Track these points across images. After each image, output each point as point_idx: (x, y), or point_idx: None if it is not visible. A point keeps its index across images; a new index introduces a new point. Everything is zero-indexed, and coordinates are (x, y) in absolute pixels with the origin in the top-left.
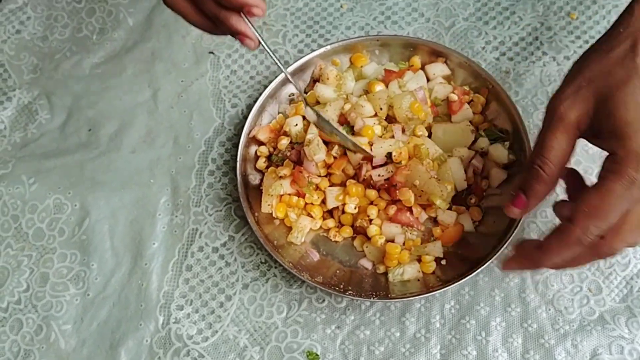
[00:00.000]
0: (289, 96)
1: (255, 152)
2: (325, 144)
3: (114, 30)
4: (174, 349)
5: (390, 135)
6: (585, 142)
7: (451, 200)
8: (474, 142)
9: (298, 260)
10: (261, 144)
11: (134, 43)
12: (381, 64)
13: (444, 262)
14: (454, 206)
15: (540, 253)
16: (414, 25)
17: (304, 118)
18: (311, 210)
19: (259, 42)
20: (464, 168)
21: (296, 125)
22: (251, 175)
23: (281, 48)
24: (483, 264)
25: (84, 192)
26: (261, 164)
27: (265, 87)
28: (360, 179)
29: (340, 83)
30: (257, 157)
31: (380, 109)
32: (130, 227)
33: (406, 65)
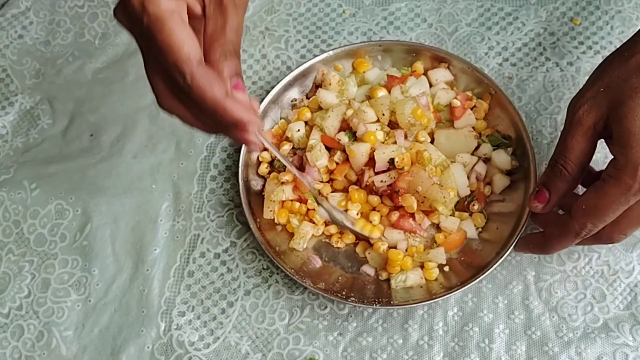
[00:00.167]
0: (291, 101)
1: (258, 158)
2: (327, 149)
3: (117, 35)
4: (176, 355)
5: (393, 141)
6: None
7: (454, 206)
8: (476, 148)
9: (300, 266)
10: (264, 149)
11: (136, 48)
12: (384, 70)
13: (447, 269)
14: (456, 212)
15: (543, 241)
16: (417, 30)
17: (306, 123)
18: (313, 216)
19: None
20: (466, 174)
21: (298, 130)
22: (253, 181)
23: (283, 53)
24: (486, 271)
25: (86, 198)
26: (263, 169)
27: (268, 93)
28: (362, 185)
29: (343, 89)
30: (259, 163)
31: (383, 114)
32: (131, 233)
33: (409, 70)
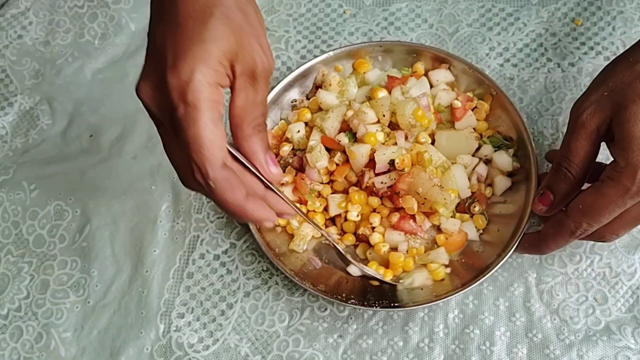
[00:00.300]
0: (291, 102)
1: None
2: (327, 150)
3: (116, 35)
4: (175, 357)
5: (393, 142)
6: None
7: (455, 208)
8: (477, 150)
9: (300, 268)
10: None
11: (135, 48)
12: (384, 70)
13: (448, 271)
14: (457, 214)
15: (539, 240)
16: (417, 31)
17: (306, 124)
18: (313, 218)
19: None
20: (467, 176)
21: (298, 131)
22: None
23: (284, 54)
24: (487, 273)
25: (85, 199)
26: None
27: (268, 93)
28: (362, 186)
29: (343, 89)
30: None
31: (383, 115)
32: (131, 234)
33: (409, 71)
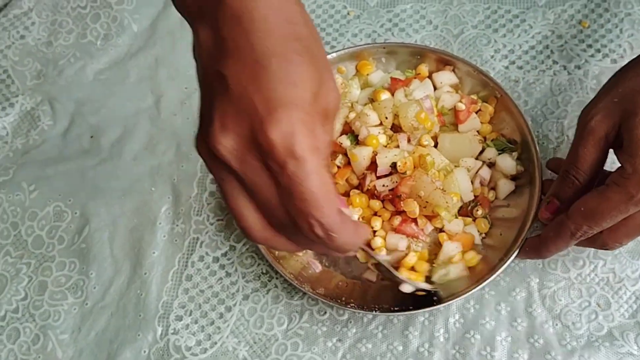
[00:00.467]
0: None
1: None
2: None
3: (119, 36)
4: None
5: (396, 145)
6: None
7: (457, 211)
8: (481, 153)
9: (299, 271)
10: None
11: (138, 49)
12: (387, 72)
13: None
14: (459, 217)
15: (539, 243)
16: (422, 32)
17: None
18: None
19: None
20: (470, 179)
21: None
22: None
23: None
24: (489, 277)
25: (85, 200)
26: None
27: None
28: (364, 189)
29: (346, 91)
30: None
31: (386, 118)
32: (130, 236)
33: (413, 73)
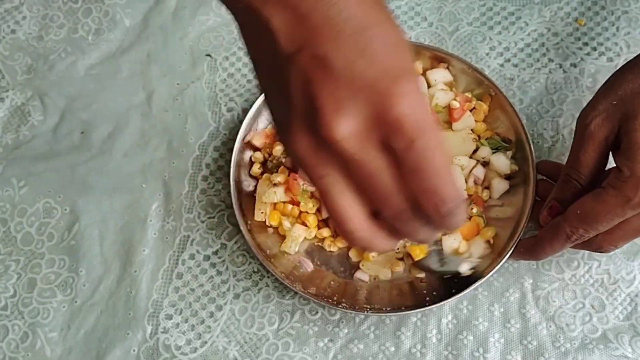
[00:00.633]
0: None
1: (250, 158)
2: None
3: (110, 31)
4: (162, 359)
5: None
6: None
7: None
8: (475, 151)
9: (291, 270)
10: (256, 149)
11: (129, 44)
12: None
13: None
14: None
15: (534, 244)
16: (417, 29)
17: None
18: (306, 219)
19: None
20: (464, 178)
21: None
22: (245, 182)
23: None
24: (483, 278)
25: (75, 196)
26: (256, 170)
27: None
28: None
29: None
30: (252, 163)
31: None
32: (120, 233)
33: None
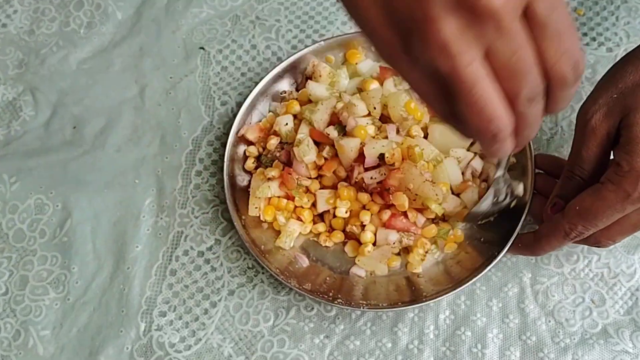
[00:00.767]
0: (281, 94)
1: (244, 152)
2: (316, 144)
3: (102, 24)
4: (156, 357)
5: (384, 136)
6: None
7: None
8: (472, 144)
9: (286, 266)
10: (250, 143)
11: (122, 38)
12: (377, 61)
13: (441, 269)
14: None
15: (533, 240)
16: None
17: (295, 117)
18: (301, 214)
19: None
20: (462, 170)
21: (286, 124)
22: (239, 177)
23: (274, 44)
24: (480, 272)
25: (67, 192)
26: (250, 164)
27: (256, 84)
28: (352, 182)
29: (334, 81)
30: (246, 158)
31: (374, 108)
32: (113, 229)
33: None
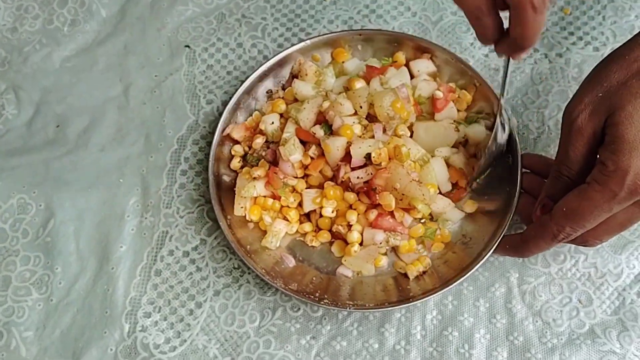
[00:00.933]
0: (266, 92)
1: (230, 151)
2: (302, 143)
3: (86, 21)
4: (140, 358)
5: (371, 135)
6: None
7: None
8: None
9: (272, 266)
10: (236, 142)
11: (106, 35)
12: (364, 60)
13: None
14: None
15: (520, 242)
16: (400, 19)
17: (281, 116)
18: (287, 214)
19: None
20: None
21: (272, 123)
22: (225, 176)
23: (260, 42)
24: (467, 272)
25: (50, 192)
26: (235, 163)
27: (242, 83)
28: (338, 182)
29: (320, 79)
30: (232, 157)
31: (360, 107)
32: (96, 229)
33: (389, 61)
